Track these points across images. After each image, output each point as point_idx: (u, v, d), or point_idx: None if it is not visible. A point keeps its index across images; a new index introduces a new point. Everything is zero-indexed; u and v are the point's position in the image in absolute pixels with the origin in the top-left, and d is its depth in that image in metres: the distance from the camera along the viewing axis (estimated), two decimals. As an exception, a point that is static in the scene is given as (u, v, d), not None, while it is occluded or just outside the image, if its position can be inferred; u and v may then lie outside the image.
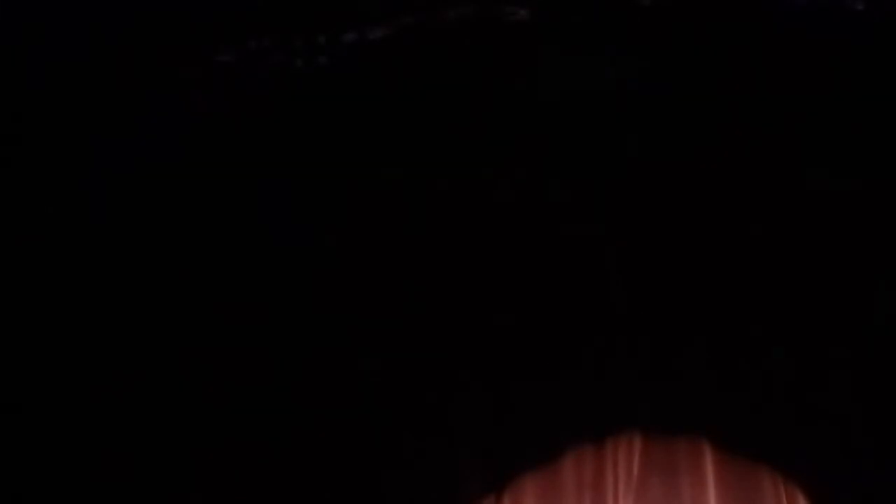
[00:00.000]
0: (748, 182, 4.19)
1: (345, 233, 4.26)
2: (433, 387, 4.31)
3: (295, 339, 4.30)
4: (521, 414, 4.30)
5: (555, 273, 4.30)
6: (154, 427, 4.23)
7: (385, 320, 4.31)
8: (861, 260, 4.18)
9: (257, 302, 4.29)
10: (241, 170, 4.23)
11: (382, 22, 4.13)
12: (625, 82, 4.14)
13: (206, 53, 4.17)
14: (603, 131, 4.21)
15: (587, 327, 4.31)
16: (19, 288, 4.24)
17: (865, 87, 4.09)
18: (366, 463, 4.24)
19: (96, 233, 4.25)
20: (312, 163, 4.23)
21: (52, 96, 4.13)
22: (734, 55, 4.11)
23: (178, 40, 4.11)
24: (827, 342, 4.20)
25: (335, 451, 4.24)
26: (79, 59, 4.08)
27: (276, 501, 4.22)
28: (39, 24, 4.02)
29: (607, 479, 4.33)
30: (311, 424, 4.26)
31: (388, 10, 4.12)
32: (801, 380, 4.21)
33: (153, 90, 4.18)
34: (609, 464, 4.34)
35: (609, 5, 4.14)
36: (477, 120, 4.20)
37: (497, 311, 4.32)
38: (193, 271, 4.28)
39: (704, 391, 4.26)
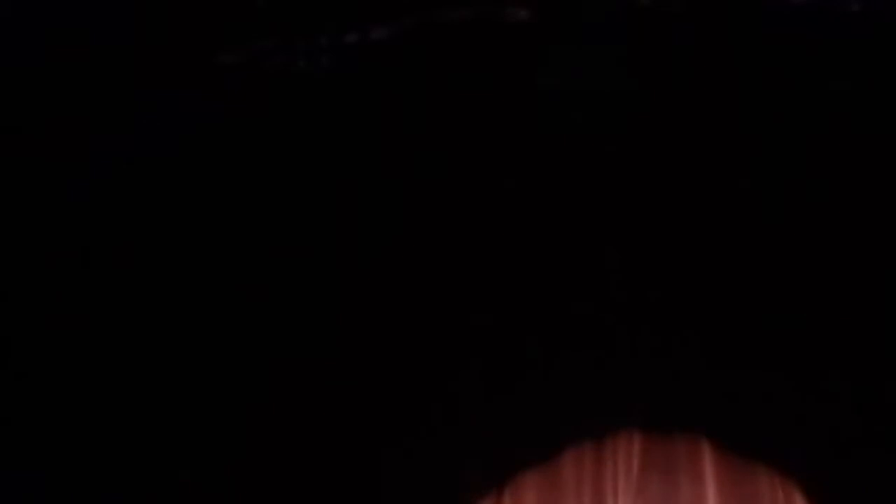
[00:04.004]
0: (748, 181, 4.21)
1: (346, 232, 4.26)
2: (432, 385, 4.32)
3: (294, 339, 4.31)
4: (520, 412, 4.31)
5: (555, 272, 4.32)
6: (154, 427, 4.24)
7: (384, 319, 4.32)
8: (862, 259, 4.20)
9: (257, 302, 4.29)
10: (241, 170, 4.24)
11: (384, 23, 4.14)
12: (625, 82, 4.16)
13: (206, 54, 4.17)
14: (603, 131, 4.22)
15: (587, 326, 4.32)
16: (18, 287, 4.24)
17: (864, 87, 4.11)
18: (365, 461, 4.25)
19: (96, 232, 4.25)
20: (314, 163, 4.24)
21: (52, 96, 4.12)
22: (733, 55, 4.13)
23: (179, 41, 4.11)
24: (827, 341, 4.23)
25: (334, 449, 4.25)
26: (79, 59, 4.08)
27: (275, 501, 4.22)
28: (39, 24, 4.02)
29: (607, 476, 4.34)
30: (310, 424, 4.27)
31: (390, 10, 4.13)
32: (801, 379, 4.24)
33: (153, 90, 4.18)
34: (609, 461, 4.35)
35: (609, 5, 4.15)
36: (478, 120, 4.21)
37: (497, 309, 4.34)
38: (193, 271, 4.28)
39: (704, 390, 4.28)
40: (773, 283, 4.25)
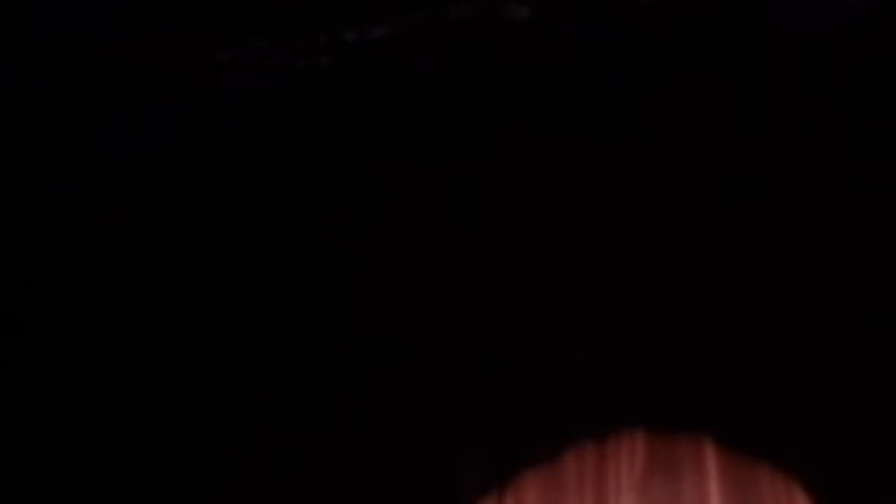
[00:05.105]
0: (748, 181, 4.20)
1: (346, 231, 4.27)
2: (434, 385, 4.32)
3: (295, 338, 4.31)
4: (523, 411, 4.31)
5: (556, 271, 4.31)
6: (156, 426, 4.25)
7: (385, 319, 4.31)
8: (861, 258, 4.19)
9: (258, 302, 4.30)
10: (241, 170, 4.25)
11: (383, 22, 4.15)
12: (625, 82, 4.16)
13: (206, 53, 4.18)
14: (603, 131, 4.22)
15: (589, 325, 4.31)
16: (18, 287, 4.26)
17: (865, 87, 4.10)
18: (366, 461, 4.25)
19: (96, 231, 4.26)
20: (313, 162, 4.24)
21: (53, 96, 4.14)
22: (734, 55, 4.12)
23: (179, 40, 4.12)
24: (828, 341, 4.22)
25: (336, 449, 4.25)
26: (79, 59, 4.09)
27: (277, 501, 4.23)
28: (41, 25, 4.03)
29: (609, 476, 4.34)
30: (311, 424, 4.27)
31: (389, 9, 4.13)
32: (803, 379, 4.23)
33: (154, 89, 4.19)
34: (611, 461, 4.35)
35: (609, 5, 4.15)
36: (477, 119, 4.21)
37: (498, 308, 4.34)
38: (193, 271, 4.28)
39: (707, 389, 4.27)
40: (777, 284, 4.24)
